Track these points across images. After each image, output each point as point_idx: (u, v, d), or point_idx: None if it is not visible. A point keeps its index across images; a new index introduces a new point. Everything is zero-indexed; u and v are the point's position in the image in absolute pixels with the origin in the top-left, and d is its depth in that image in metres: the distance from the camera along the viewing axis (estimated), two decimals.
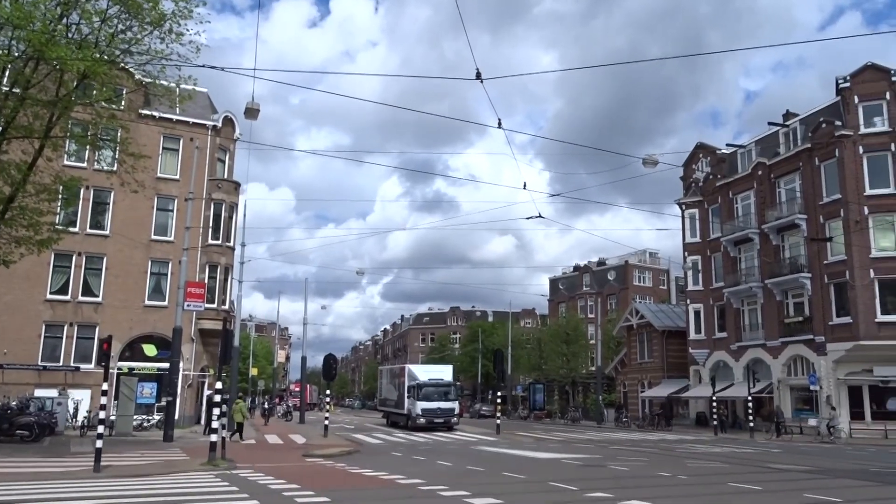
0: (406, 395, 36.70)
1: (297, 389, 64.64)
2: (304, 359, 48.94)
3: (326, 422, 27.93)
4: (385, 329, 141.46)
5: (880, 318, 33.30)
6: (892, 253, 33.37)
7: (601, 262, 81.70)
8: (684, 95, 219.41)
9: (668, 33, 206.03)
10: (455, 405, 36.54)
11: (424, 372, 38.83)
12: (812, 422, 33.96)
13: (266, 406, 45.32)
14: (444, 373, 39.02)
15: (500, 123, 14.90)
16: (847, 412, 33.88)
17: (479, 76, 13.06)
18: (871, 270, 33.68)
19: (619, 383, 55.16)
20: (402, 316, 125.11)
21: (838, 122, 35.63)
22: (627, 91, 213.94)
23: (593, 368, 57.56)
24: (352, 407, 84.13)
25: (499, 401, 37.24)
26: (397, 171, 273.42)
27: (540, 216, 21.63)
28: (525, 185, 19.97)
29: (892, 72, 35.14)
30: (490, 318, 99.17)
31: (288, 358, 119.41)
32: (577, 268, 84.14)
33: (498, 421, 33.47)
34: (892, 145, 34.40)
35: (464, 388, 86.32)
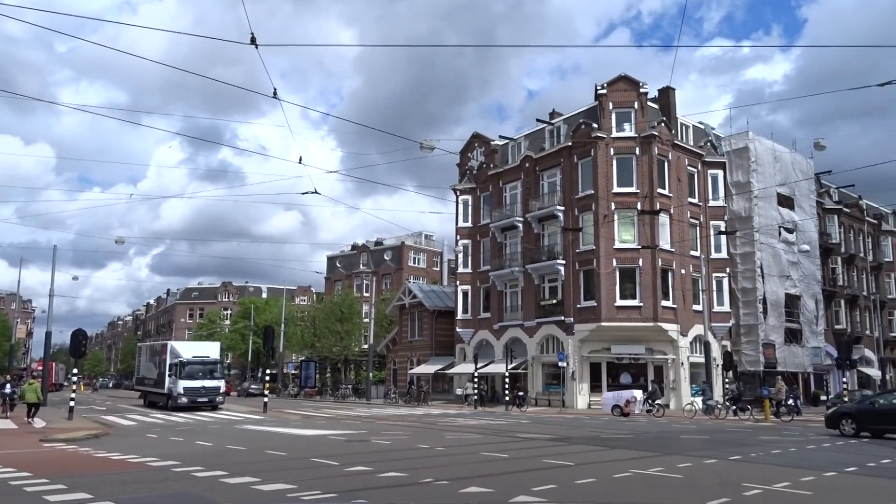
0: (167, 373, 34.56)
1: (41, 368, 58.09)
2: (48, 334, 43.96)
3: (72, 402, 25.41)
4: (148, 304, 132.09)
5: (619, 302, 37.48)
6: (632, 245, 37.63)
7: (378, 243, 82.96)
8: (474, 87, 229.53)
9: (465, 26, 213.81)
10: (221, 383, 35.12)
11: (189, 349, 36.81)
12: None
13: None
14: (211, 350, 37.30)
15: (275, 93, 14.35)
16: (588, 386, 37.81)
17: (253, 41, 12.47)
18: (614, 260, 37.73)
19: (390, 361, 56.54)
20: (168, 290, 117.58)
21: (595, 125, 39.28)
22: (424, 77, 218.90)
23: (366, 346, 58.40)
24: (105, 387, 77.52)
25: (268, 378, 36.42)
26: (179, 137, 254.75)
27: (315, 192, 21.35)
28: (301, 160, 19.46)
29: (641, 84, 39.46)
30: (264, 295, 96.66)
31: (31, 333, 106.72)
32: (354, 247, 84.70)
33: (266, 399, 32.74)
34: (637, 149, 38.66)
35: (231, 367, 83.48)
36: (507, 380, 38.30)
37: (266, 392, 34.20)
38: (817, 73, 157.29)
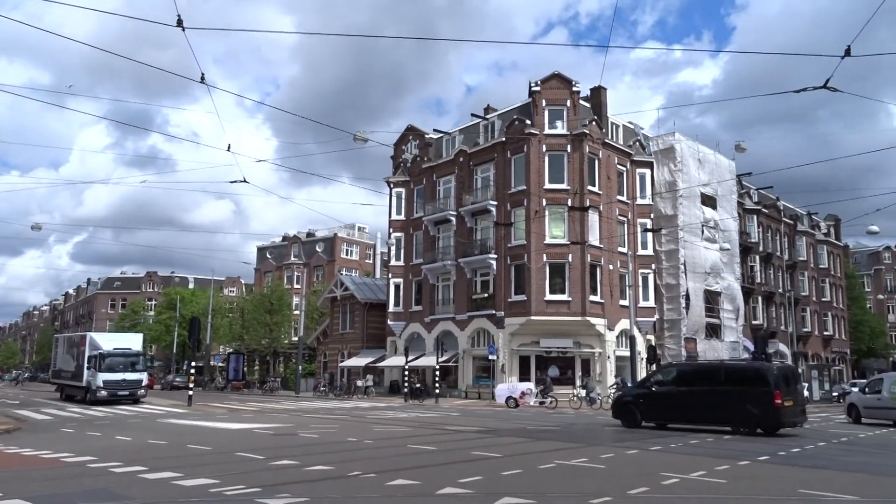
0: (86, 365, 33.23)
1: None
2: None
3: None
4: (67, 293, 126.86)
5: (549, 296, 38.11)
6: (562, 241, 38.30)
7: (311, 234, 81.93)
8: (413, 80, 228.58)
9: (405, 18, 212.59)
10: (143, 376, 34.01)
11: (109, 340, 35.50)
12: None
13: None
14: (133, 342, 36.06)
15: (202, 78, 13.91)
16: (517, 379, 38.30)
17: (180, 24, 12.05)
18: (545, 255, 38.33)
19: (321, 353, 56.01)
20: (89, 279, 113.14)
21: (528, 122, 39.75)
22: (363, 69, 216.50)
23: (296, 339, 57.64)
24: (17, 380, 74.03)
25: (192, 371, 35.50)
26: (106, 121, 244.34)
27: (244, 181, 20.87)
28: (229, 147, 19.00)
29: (574, 83, 40.12)
30: (191, 285, 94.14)
31: None
32: (286, 238, 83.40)
33: (190, 392, 31.92)
34: (569, 147, 39.32)
35: (155, 359, 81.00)
36: (437, 373, 38.44)
37: (191, 385, 33.35)
38: (743, 78, 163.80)
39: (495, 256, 40.16)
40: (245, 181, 21.06)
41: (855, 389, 31.25)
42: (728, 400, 18.07)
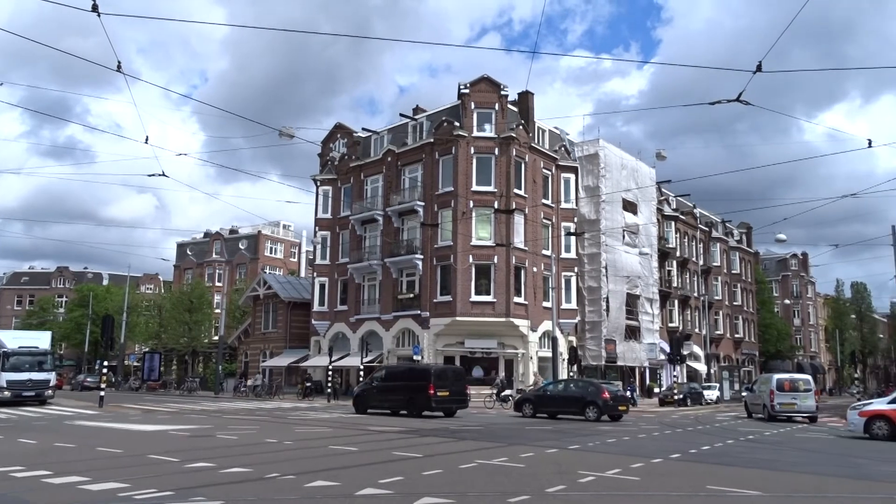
0: None
1: None
2: None
3: None
4: None
5: (474, 297, 38.43)
6: (488, 242, 38.69)
7: (234, 231, 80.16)
8: (347, 79, 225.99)
9: (340, 15, 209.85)
10: (51, 376, 32.39)
11: (14, 338, 33.69)
12: None
13: None
14: (40, 340, 34.32)
15: (119, 67, 13.36)
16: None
17: (95, 9, 11.53)
18: (471, 256, 38.63)
19: (242, 353, 54.80)
20: None
21: (457, 123, 39.98)
22: (296, 65, 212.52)
23: (216, 338, 56.20)
24: None
25: (104, 371, 34.09)
26: (20, 108, 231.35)
27: (163, 174, 20.19)
28: (147, 140, 18.36)
29: (502, 86, 40.59)
30: (105, 282, 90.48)
31: None
32: (207, 234, 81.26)
33: (102, 393, 30.63)
34: (496, 150, 39.76)
35: (65, 358, 77.54)
36: (361, 373, 38.17)
37: (103, 385, 32.00)
38: (667, 90, 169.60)
39: (422, 257, 40.23)
40: (164, 175, 20.39)
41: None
42: (406, 390, 25.23)
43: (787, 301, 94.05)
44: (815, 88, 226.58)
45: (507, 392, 33.89)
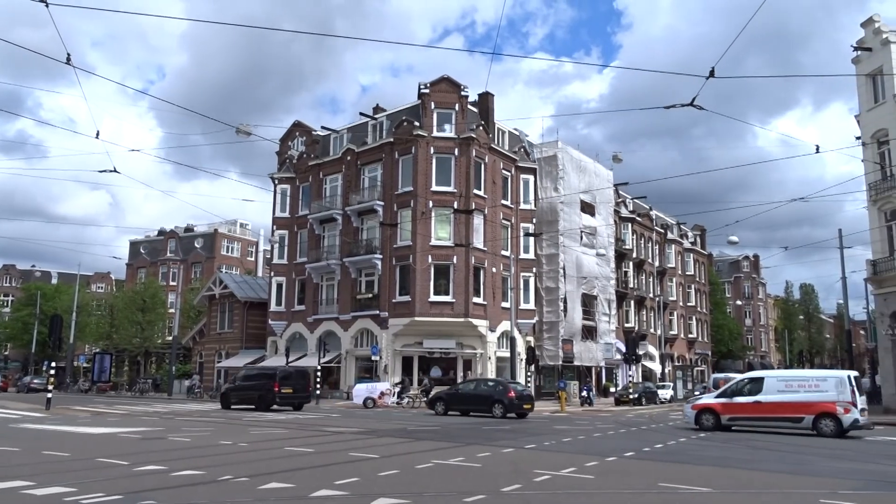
0: None
1: None
2: None
3: None
4: None
5: (433, 297, 38.43)
6: (447, 242, 38.73)
7: (189, 229, 78.73)
8: (309, 77, 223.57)
9: (302, 13, 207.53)
10: None
11: None
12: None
13: None
14: None
15: (68, 59, 13.00)
16: (399, 378, 38.34)
17: None
18: (430, 256, 38.63)
19: (197, 353, 53.86)
20: None
21: (417, 123, 39.94)
22: (257, 62, 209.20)
23: (170, 338, 55.16)
24: None
25: (52, 372, 33.14)
26: None
27: (115, 170, 19.71)
28: (98, 135, 17.95)
29: (462, 87, 40.67)
30: (54, 280, 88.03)
31: None
32: (162, 232, 79.64)
33: (49, 395, 29.77)
34: (456, 150, 39.84)
35: (11, 359, 75.26)
36: (318, 373, 37.85)
37: (50, 387, 31.11)
38: (627, 94, 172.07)
39: (381, 257, 40.08)
40: (115, 171, 19.90)
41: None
42: (257, 388, 29.59)
43: (738, 302, 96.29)
44: (768, 95, 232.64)
45: (412, 392, 34.56)
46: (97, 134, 18.58)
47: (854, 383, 18.99)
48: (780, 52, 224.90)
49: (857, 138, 32.79)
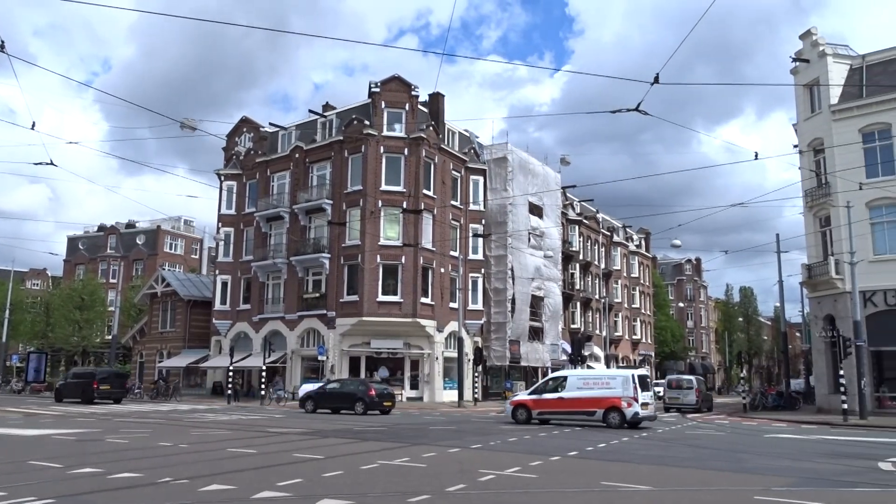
0: None
1: None
2: None
3: None
4: None
5: (381, 297, 38.27)
6: (396, 242, 38.62)
7: (131, 225, 76.64)
8: (262, 73, 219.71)
9: (256, 8, 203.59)
10: None
11: None
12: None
13: None
14: None
15: (2, 46, 12.43)
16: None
17: None
18: (379, 256, 38.46)
19: (137, 353, 52.48)
20: None
21: (367, 122, 39.72)
22: (209, 57, 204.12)
23: (109, 337, 53.61)
24: None
25: None
26: None
27: (51, 163, 19.03)
28: (34, 126, 17.33)
29: (413, 87, 40.62)
30: None
31: None
32: (102, 228, 77.31)
33: None
34: (406, 150, 39.77)
35: None
36: (263, 374, 37.31)
37: None
38: (578, 99, 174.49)
39: (329, 256, 39.73)
40: (52, 164, 19.22)
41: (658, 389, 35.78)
42: (82, 385, 34.58)
43: (681, 304, 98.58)
44: (715, 104, 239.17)
45: (280, 392, 36.43)
46: (33, 125, 17.92)
47: (637, 381, 21.41)
48: (726, 62, 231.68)
49: (795, 146, 33.96)
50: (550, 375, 25.53)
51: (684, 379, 36.44)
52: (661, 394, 36.02)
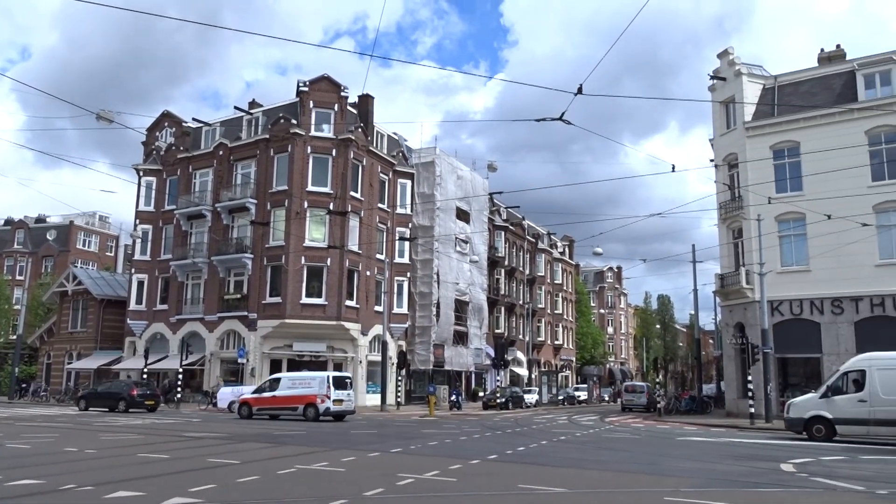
0: None
1: None
2: None
3: None
4: None
5: (305, 300, 37.73)
6: (321, 244, 38.16)
7: (41, 219, 73.07)
8: (192, 68, 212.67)
9: (190, 3, 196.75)
10: None
11: None
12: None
13: None
14: None
15: None
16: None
17: None
18: (303, 257, 37.92)
19: (44, 354, 49.96)
20: None
21: (294, 121, 39.14)
22: (137, 49, 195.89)
23: (14, 337, 50.87)
24: None
25: None
26: None
27: None
28: None
29: (343, 87, 40.28)
30: None
31: None
32: (8, 222, 73.41)
33: None
34: (334, 151, 39.37)
35: None
36: (180, 376, 36.18)
37: None
38: (511, 108, 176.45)
39: (251, 256, 38.90)
40: None
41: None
42: None
43: (602, 311, 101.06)
44: (641, 118, 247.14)
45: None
46: None
47: (331, 382, 25.83)
48: (654, 79, 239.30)
49: (711, 161, 35.35)
50: (269, 377, 29.65)
51: (637, 385, 47.81)
52: (607, 397, 51.00)
